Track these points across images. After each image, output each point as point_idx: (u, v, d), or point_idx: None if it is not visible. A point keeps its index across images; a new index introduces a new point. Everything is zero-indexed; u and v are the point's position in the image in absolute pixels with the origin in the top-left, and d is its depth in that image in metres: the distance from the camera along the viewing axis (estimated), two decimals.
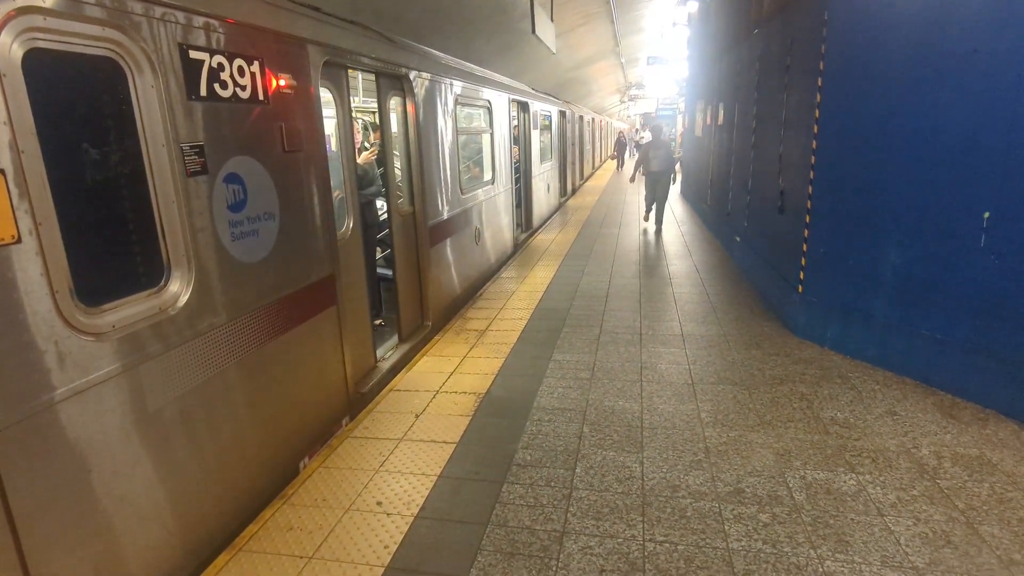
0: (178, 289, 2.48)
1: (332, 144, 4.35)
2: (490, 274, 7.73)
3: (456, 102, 6.20)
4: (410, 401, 4.05)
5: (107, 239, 2.33)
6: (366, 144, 5.68)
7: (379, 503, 2.94)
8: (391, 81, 4.80)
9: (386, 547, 2.62)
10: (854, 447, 3.30)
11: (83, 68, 2.15)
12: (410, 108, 5.04)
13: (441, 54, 6.21)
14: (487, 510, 2.86)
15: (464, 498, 2.96)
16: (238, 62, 2.77)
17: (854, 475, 3.04)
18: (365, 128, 6.49)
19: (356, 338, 4.12)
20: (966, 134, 3.60)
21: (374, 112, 5.44)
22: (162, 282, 2.44)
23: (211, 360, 2.64)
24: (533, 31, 8.31)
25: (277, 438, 3.15)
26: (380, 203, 5.50)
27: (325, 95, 4.14)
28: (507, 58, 11.33)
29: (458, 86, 6.25)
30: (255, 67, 2.90)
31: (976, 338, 3.68)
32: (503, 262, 8.43)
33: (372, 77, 4.63)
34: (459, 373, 4.49)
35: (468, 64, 7.20)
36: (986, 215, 3.53)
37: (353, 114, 4.44)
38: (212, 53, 2.61)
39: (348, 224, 4.25)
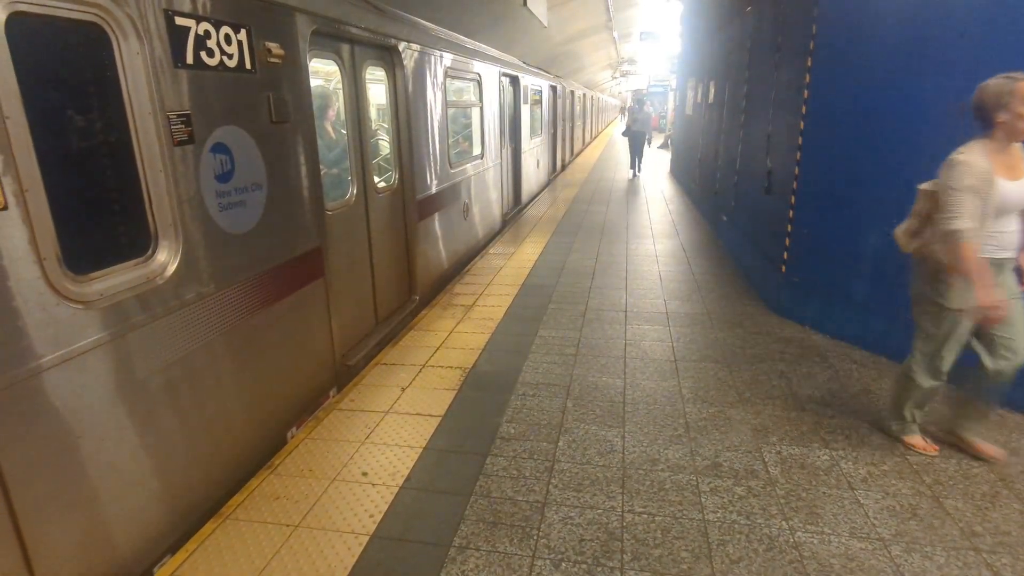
0: (165, 259, 2.48)
1: (338, 114, 4.33)
2: (478, 249, 7.73)
3: (446, 75, 6.11)
4: (397, 374, 4.09)
5: (94, 208, 2.32)
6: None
7: (365, 473, 2.99)
8: (380, 52, 4.73)
9: (371, 516, 2.67)
10: (829, 424, 3.39)
11: (67, 33, 2.11)
12: (399, 80, 4.97)
13: (431, 25, 6.10)
14: (471, 481, 2.92)
15: (448, 469, 3.02)
16: (225, 30, 2.73)
17: (828, 451, 3.14)
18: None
19: (344, 310, 4.12)
20: (950, 119, 3.62)
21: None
22: (149, 252, 2.44)
23: (199, 330, 2.65)
24: (524, 3, 8.18)
25: (264, 408, 3.18)
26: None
27: (331, 67, 4.13)
28: (497, 31, 11.15)
29: (448, 58, 6.16)
30: (242, 35, 2.85)
31: None
32: (491, 237, 8.43)
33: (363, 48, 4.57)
34: (445, 347, 4.52)
35: (458, 36, 7.08)
36: None
37: (364, 87, 4.42)
38: (198, 20, 2.56)
39: (352, 192, 4.29)
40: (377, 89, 4.97)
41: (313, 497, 2.81)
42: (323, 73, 4.35)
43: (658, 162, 17.99)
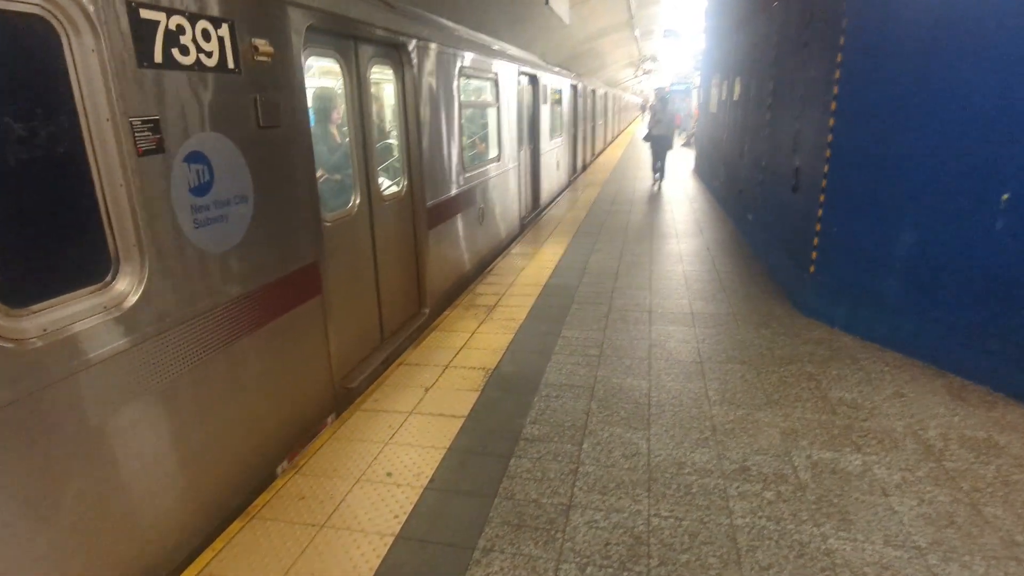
0: (128, 284, 2.21)
1: (339, 117, 4.17)
2: (494, 256, 7.52)
3: (460, 74, 5.91)
4: (420, 375, 4.09)
5: (39, 229, 1.99)
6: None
7: (389, 474, 3.00)
8: (387, 50, 4.46)
9: (396, 517, 2.68)
10: (861, 427, 3.31)
11: (5, 29, 1.85)
12: (408, 80, 4.70)
13: (443, 21, 5.89)
14: (495, 483, 2.91)
15: (472, 471, 3.01)
16: (202, 25, 2.45)
17: (860, 455, 3.06)
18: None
19: (344, 329, 3.88)
20: (986, 114, 3.52)
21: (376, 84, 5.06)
22: (108, 277, 2.18)
23: (169, 362, 2.38)
24: (546, 1, 8.14)
25: (248, 444, 2.89)
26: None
27: (333, 66, 3.92)
28: (518, 29, 11.09)
29: (462, 57, 5.95)
30: (223, 31, 2.57)
31: (987, 321, 3.66)
32: (508, 243, 8.27)
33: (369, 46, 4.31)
34: (468, 348, 4.52)
35: (473, 33, 6.88)
36: (1004, 197, 3.48)
37: (368, 87, 4.21)
38: (169, 13, 2.28)
39: (354, 200, 4.07)
40: (383, 89, 4.80)
41: (338, 497, 2.83)
42: (323, 72, 4.17)
43: (682, 160, 17.80)
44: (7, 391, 1.79)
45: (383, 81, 4.73)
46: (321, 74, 4.25)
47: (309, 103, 3.38)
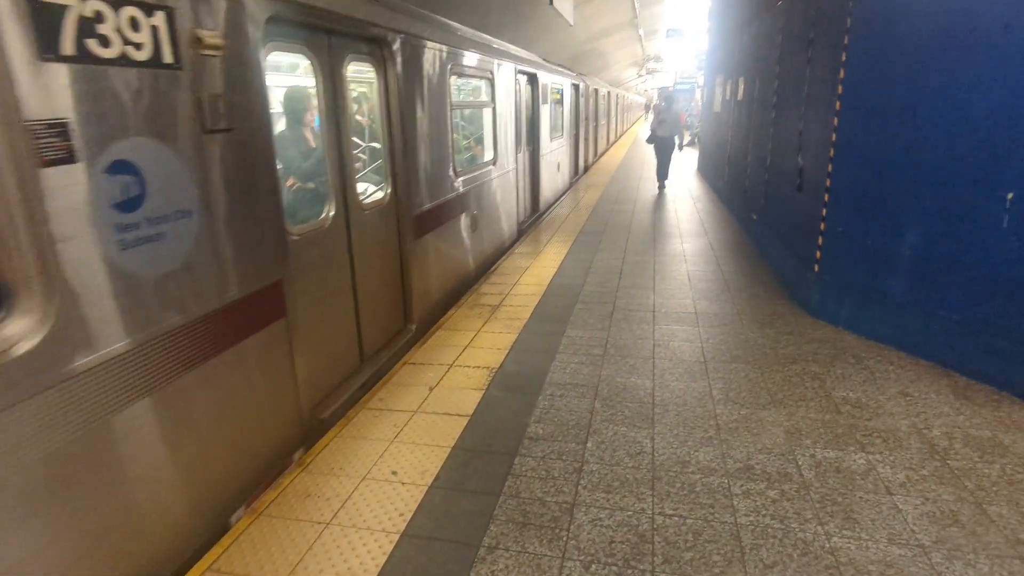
0: (27, 324, 1.83)
1: (312, 120, 3.87)
2: (489, 264, 7.24)
3: (450, 72, 5.54)
4: (424, 374, 4.11)
5: None
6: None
7: (394, 472, 3.02)
8: (368, 46, 4.13)
9: (401, 515, 2.70)
10: (865, 427, 3.31)
11: None
12: (391, 79, 4.34)
13: (432, 15, 5.58)
14: (499, 481, 2.93)
15: (477, 469, 3.03)
16: (129, 11, 2.09)
17: (864, 454, 3.06)
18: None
19: (315, 353, 3.53)
20: (992, 113, 3.52)
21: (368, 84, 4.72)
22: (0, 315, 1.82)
23: (85, 412, 2.00)
24: (551, 2, 8.13)
25: (193, 494, 2.52)
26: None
27: (304, 63, 3.64)
28: (520, 29, 11.07)
29: (454, 54, 5.65)
30: (158, 20, 2.21)
31: (993, 320, 3.65)
32: (504, 250, 8.00)
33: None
34: (473, 347, 4.54)
35: (465, 29, 6.58)
36: (1010, 196, 3.47)
37: (346, 87, 3.85)
38: None
39: (328, 210, 3.71)
40: (365, 88, 4.60)
41: (344, 495, 2.85)
42: (289, 67, 3.91)
43: (685, 160, 17.79)
44: None
45: (364, 80, 4.44)
46: (303, 72, 3.99)
47: (280, 104, 2.98)
